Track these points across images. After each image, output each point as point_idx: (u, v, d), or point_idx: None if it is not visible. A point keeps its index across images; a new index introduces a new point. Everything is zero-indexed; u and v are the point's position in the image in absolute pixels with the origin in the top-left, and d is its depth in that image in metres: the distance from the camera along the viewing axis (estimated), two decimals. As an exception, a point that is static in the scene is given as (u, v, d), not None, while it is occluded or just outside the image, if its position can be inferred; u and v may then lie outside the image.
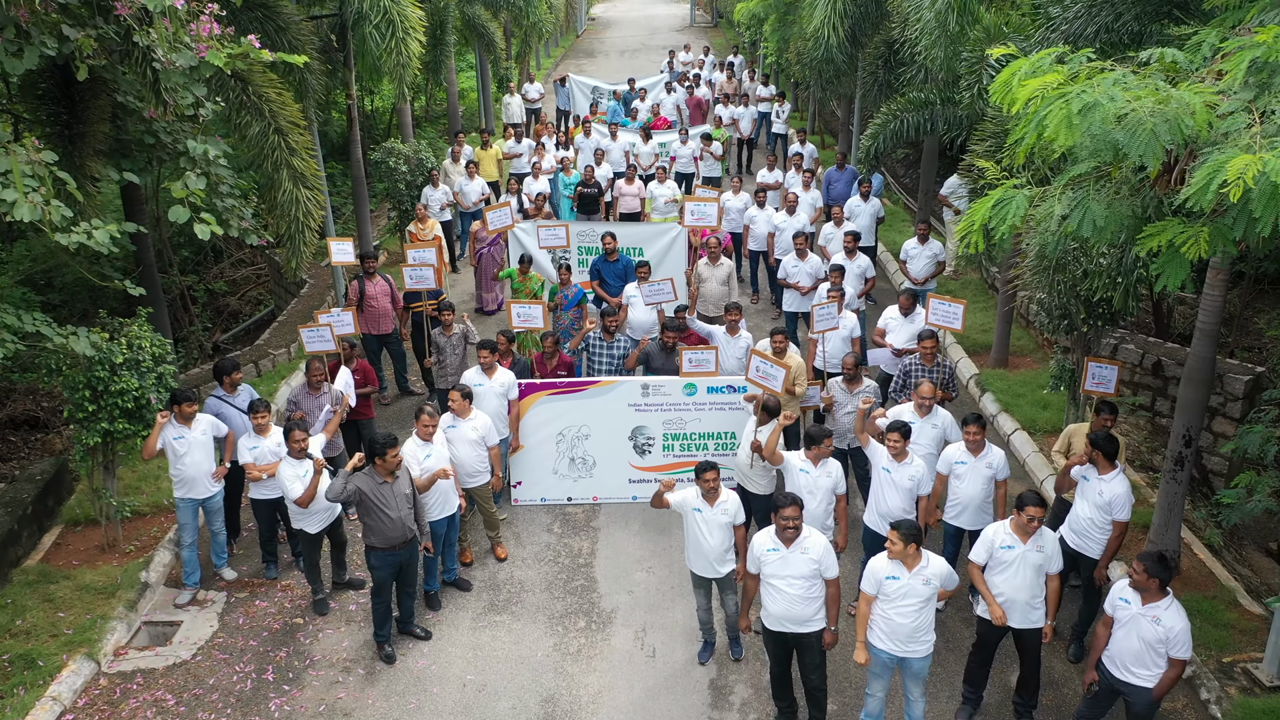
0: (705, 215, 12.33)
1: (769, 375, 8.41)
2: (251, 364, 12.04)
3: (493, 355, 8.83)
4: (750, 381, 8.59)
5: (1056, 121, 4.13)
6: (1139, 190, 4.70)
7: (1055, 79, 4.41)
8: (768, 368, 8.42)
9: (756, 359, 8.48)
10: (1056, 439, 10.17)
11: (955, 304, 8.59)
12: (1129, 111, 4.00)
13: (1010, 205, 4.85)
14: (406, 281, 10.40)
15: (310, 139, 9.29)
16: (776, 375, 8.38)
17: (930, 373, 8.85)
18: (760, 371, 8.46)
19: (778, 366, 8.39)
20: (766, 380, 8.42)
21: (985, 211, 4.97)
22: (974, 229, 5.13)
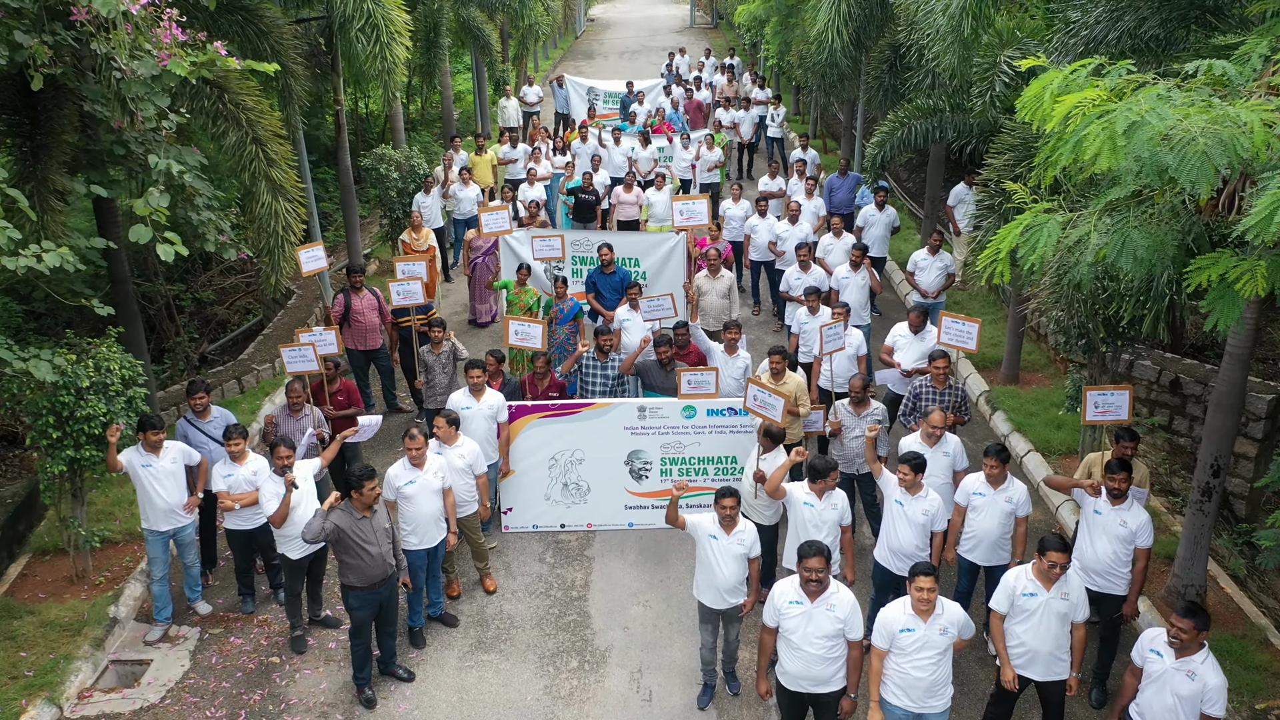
0: (695, 214, 11.81)
1: (767, 405, 8.00)
2: (234, 380, 11.61)
3: (483, 375, 8.40)
4: (749, 410, 8.16)
5: (1098, 142, 3.69)
6: (1179, 214, 4.26)
7: (1095, 95, 3.97)
8: (766, 397, 8.01)
9: (754, 388, 8.06)
10: (1073, 463, 9.80)
11: (970, 323, 8.14)
12: (1178, 130, 3.56)
13: (1041, 233, 4.41)
14: (393, 298, 9.97)
15: (290, 149, 8.85)
16: (775, 404, 7.97)
17: (942, 395, 8.42)
18: (759, 401, 8.04)
19: (776, 395, 7.98)
20: (765, 410, 8.01)
21: (1013, 238, 4.53)
22: (1000, 257, 4.68)
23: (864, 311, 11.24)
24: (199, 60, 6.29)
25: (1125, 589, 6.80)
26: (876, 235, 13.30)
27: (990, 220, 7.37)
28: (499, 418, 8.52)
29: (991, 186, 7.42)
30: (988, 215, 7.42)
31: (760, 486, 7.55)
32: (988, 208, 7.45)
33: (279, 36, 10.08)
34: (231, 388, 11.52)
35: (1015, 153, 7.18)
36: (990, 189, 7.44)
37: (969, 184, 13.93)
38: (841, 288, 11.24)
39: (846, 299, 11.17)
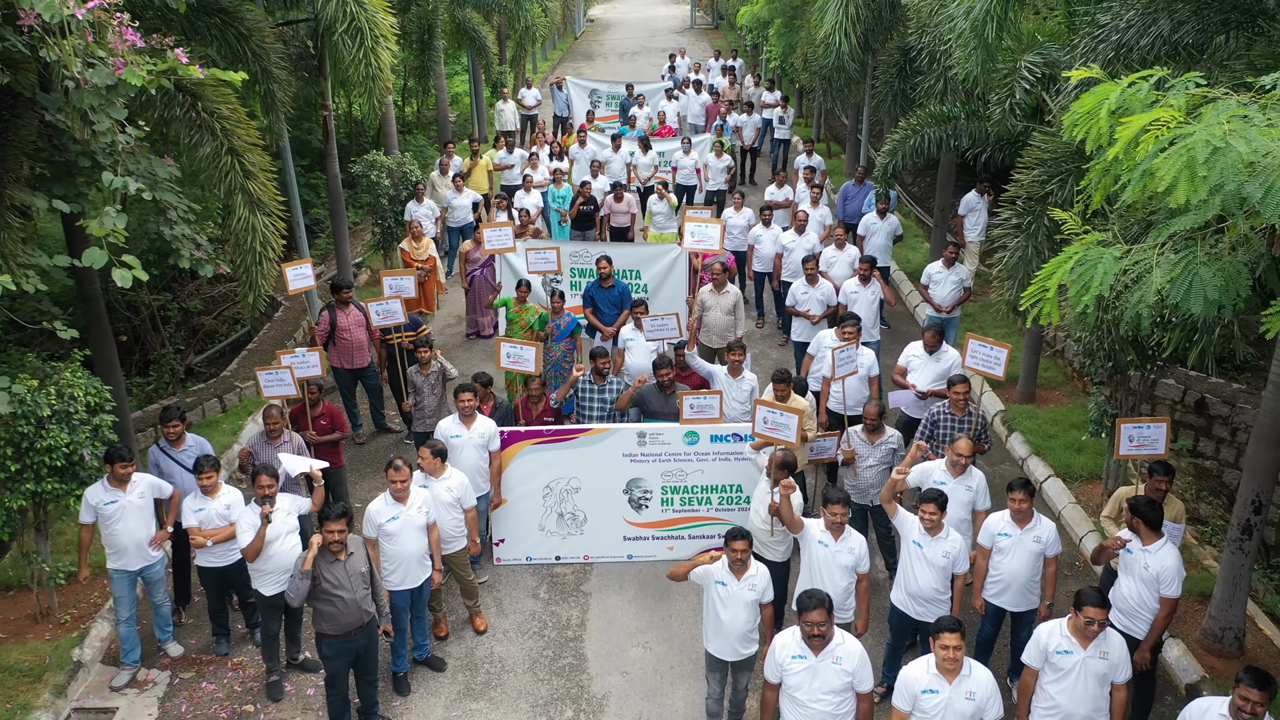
0: (707, 238, 11.36)
1: (780, 425, 7.49)
2: (216, 398, 11.12)
3: (474, 400, 7.90)
4: (760, 436, 7.65)
5: (1173, 170, 3.20)
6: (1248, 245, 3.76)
7: (1167, 116, 3.46)
8: (777, 416, 7.49)
9: (763, 410, 7.55)
10: (1095, 489, 9.31)
11: (999, 348, 7.59)
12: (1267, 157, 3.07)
13: (1095, 270, 3.90)
14: (374, 318, 9.47)
15: (268, 160, 8.34)
16: (789, 424, 7.45)
17: (961, 423, 7.92)
18: (769, 423, 7.53)
19: (788, 413, 7.47)
20: (777, 431, 7.50)
21: (1062, 274, 4.02)
22: (1047, 295, 4.17)
23: (874, 328, 10.75)
24: (158, 68, 5.80)
25: (1151, 635, 6.32)
26: (878, 245, 12.81)
27: (1019, 240, 6.86)
28: (490, 446, 8.02)
29: (1020, 204, 6.91)
30: (1016, 235, 6.91)
31: (776, 521, 7.09)
32: (1015, 227, 6.94)
33: (261, 40, 9.58)
34: (213, 406, 11.03)
35: (1046, 168, 6.68)
36: (1018, 206, 6.94)
37: (981, 192, 13.45)
38: (850, 303, 10.75)
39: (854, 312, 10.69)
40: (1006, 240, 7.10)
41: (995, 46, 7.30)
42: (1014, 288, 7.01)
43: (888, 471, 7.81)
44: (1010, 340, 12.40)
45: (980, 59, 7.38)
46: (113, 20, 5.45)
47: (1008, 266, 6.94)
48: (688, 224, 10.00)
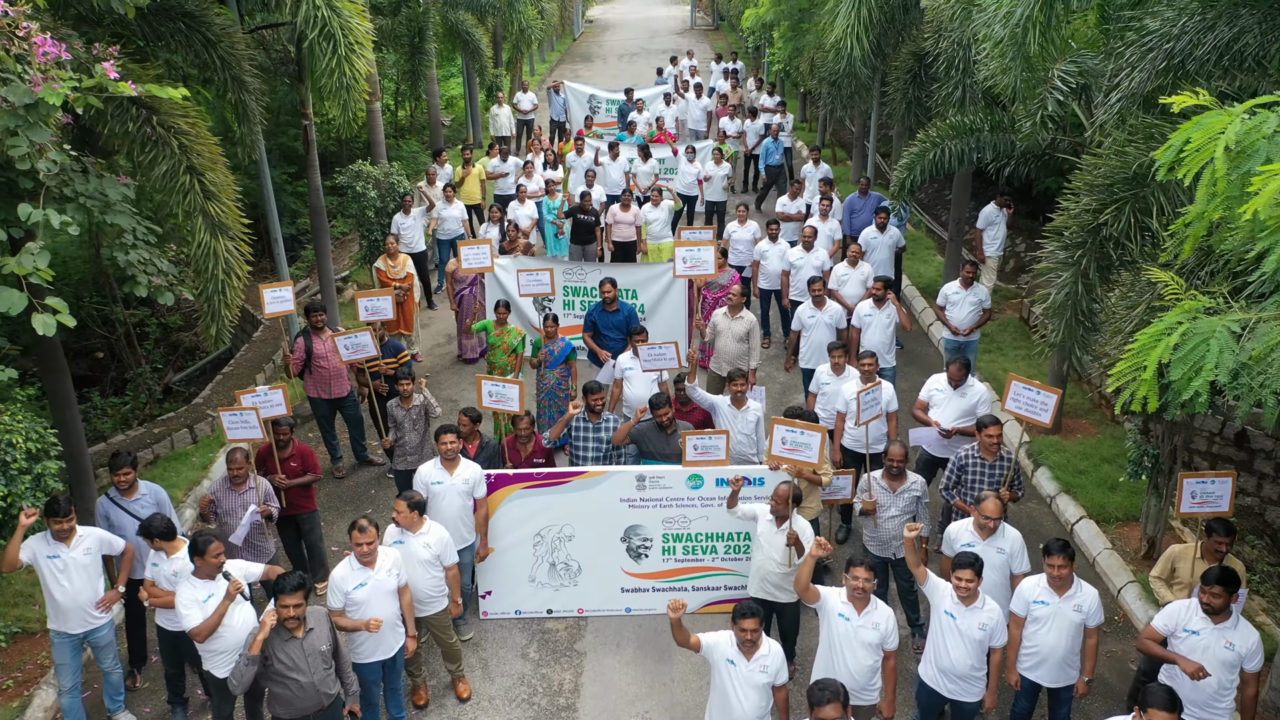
0: (701, 262, 10.48)
1: (800, 445, 6.81)
2: (186, 428, 10.40)
3: (457, 442, 7.19)
4: (777, 460, 6.95)
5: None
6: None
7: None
8: (798, 435, 6.81)
9: (782, 429, 6.85)
10: (1132, 532, 8.60)
11: (1047, 392, 6.80)
12: None
13: (1208, 348, 3.18)
14: (342, 352, 8.76)
15: (232, 179, 7.65)
16: (811, 442, 6.79)
17: (992, 468, 7.21)
18: (790, 443, 6.83)
19: (810, 431, 6.80)
20: (798, 452, 6.82)
21: (1162, 350, 3.31)
22: (1144, 377, 3.45)
23: (889, 353, 10.04)
24: (85, 84, 5.10)
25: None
26: (880, 260, 12.10)
27: (1068, 276, 6.15)
28: (476, 492, 7.32)
29: (1067, 235, 6.20)
30: (1063, 269, 6.20)
31: (792, 552, 6.45)
32: (1064, 261, 6.22)
33: (230, 46, 8.88)
34: (183, 438, 10.32)
35: (1097, 194, 5.97)
36: (1066, 237, 6.23)
37: (1000, 205, 12.75)
38: (864, 326, 10.05)
39: (869, 340, 9.98)
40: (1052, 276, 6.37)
41: (1037, 57, 6.60)
42: (1060, 328, 6.30)
43: (911, 521, 7.11)
44: (1031, 363, 11.76)
45: (1019, 70, 6.67)
46: (18, 29, 4.73)
47: (1054, 305, 6.23)
48: (679, 249, 9.22)
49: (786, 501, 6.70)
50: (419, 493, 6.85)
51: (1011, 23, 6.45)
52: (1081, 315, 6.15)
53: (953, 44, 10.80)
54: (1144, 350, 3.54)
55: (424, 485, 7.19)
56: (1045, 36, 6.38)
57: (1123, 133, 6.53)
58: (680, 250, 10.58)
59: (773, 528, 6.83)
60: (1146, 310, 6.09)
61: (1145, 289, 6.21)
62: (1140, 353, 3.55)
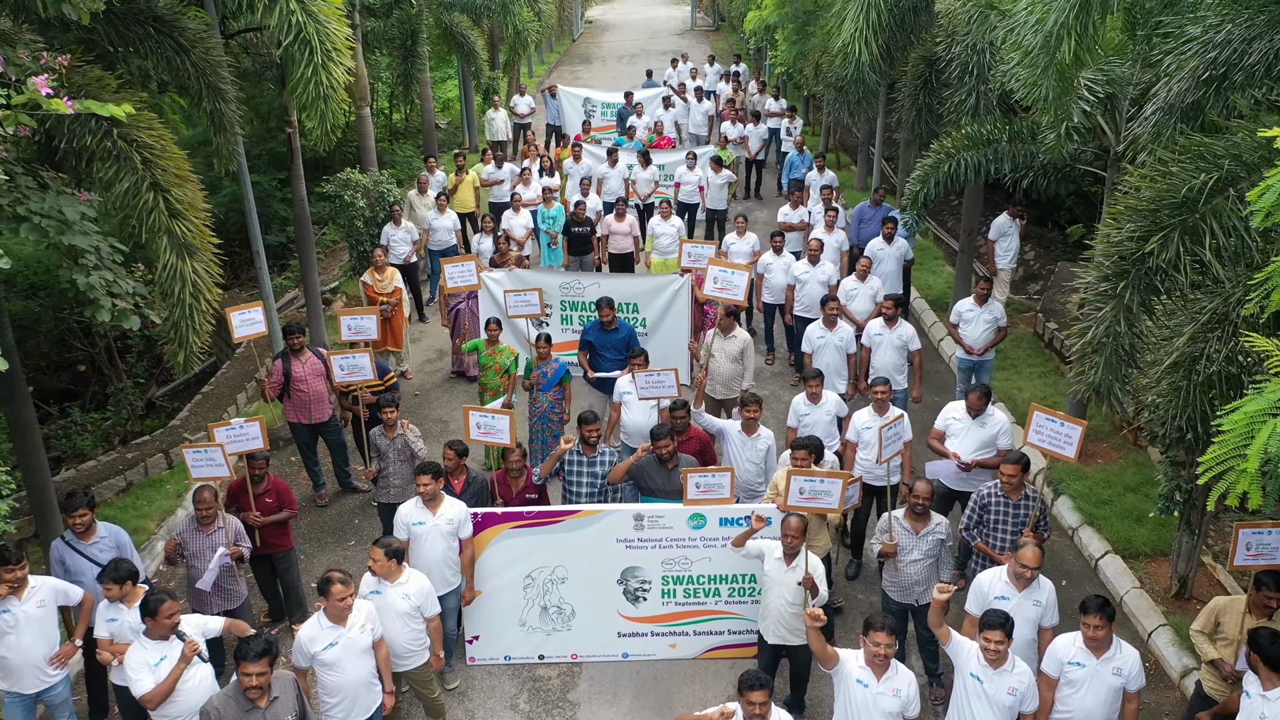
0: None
1: (820, 494, 6.40)
2: (161, 453, 9.89)
3: (435, 484, 6.68)
4: (794, 509, 6.47)
5: None
6: None
7: None
8: (817, 484, 6.41)
9: (800, 480, 6.41)
10: (1161, 569, 8.09)
11: (1071, 424, 6.28)
12: None
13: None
14: (336, 372, 8.24)
15: (202, 196, 7.14)
16: (832, 490, 6.41)
17: (1016, 508, 6.70)
18: (808, 492, 6.41)
19: (831, 478, 6.38)
20: (818, 500, 6.41)
21: (1269, 438, 2.80)
22: (1247, 468, 2.94)
23: (900, 374, 9.53)
24: (14, 102, 4.61)
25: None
26: (887, 272, 11.57)
27: (1108, 310, 5.63)
28: (460, 533, 6.81)
29: (1109, 264, 5.68)
30: (1104, 302, 5.68)
31: (806, 593, 6.04)
32: (1104, 294, 5.69)
33: (205, 51, 8.38)
34: (158, 463, 9.80)
35: (1141, 219, 5.44)
36: (1107, 267, 5.71)
37: (1013, 216, 12.24)
38: (874, 346, 9.54)
39: (880, 361, 9.48)
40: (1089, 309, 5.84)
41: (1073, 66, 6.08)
42: (1099, 367, 5.79)
43: (935, 566, 6.62)
44: (1046, 381, 11.25)
45: (1053, 82, 6.15)
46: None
47: (1092, 341, 5.72)
48: (686, 245, 8.60)
49: (800, 535, 6.25)
50: (398, 538, 6.35)
51: (1044, 31, 5.93)
52: (1123, 353, 5.64)
53: (966, 49, 10.31)
54: (1242, 434, 3.04)
55: (404, 526, 6.69)
56: (1080, 45, 5.88)
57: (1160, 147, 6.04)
58: (687, 246, 10.16)
59: (783, 566, 6.37)
60: (1189, 340, 5.61)
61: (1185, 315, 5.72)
62: (1240, 440, 3.04)
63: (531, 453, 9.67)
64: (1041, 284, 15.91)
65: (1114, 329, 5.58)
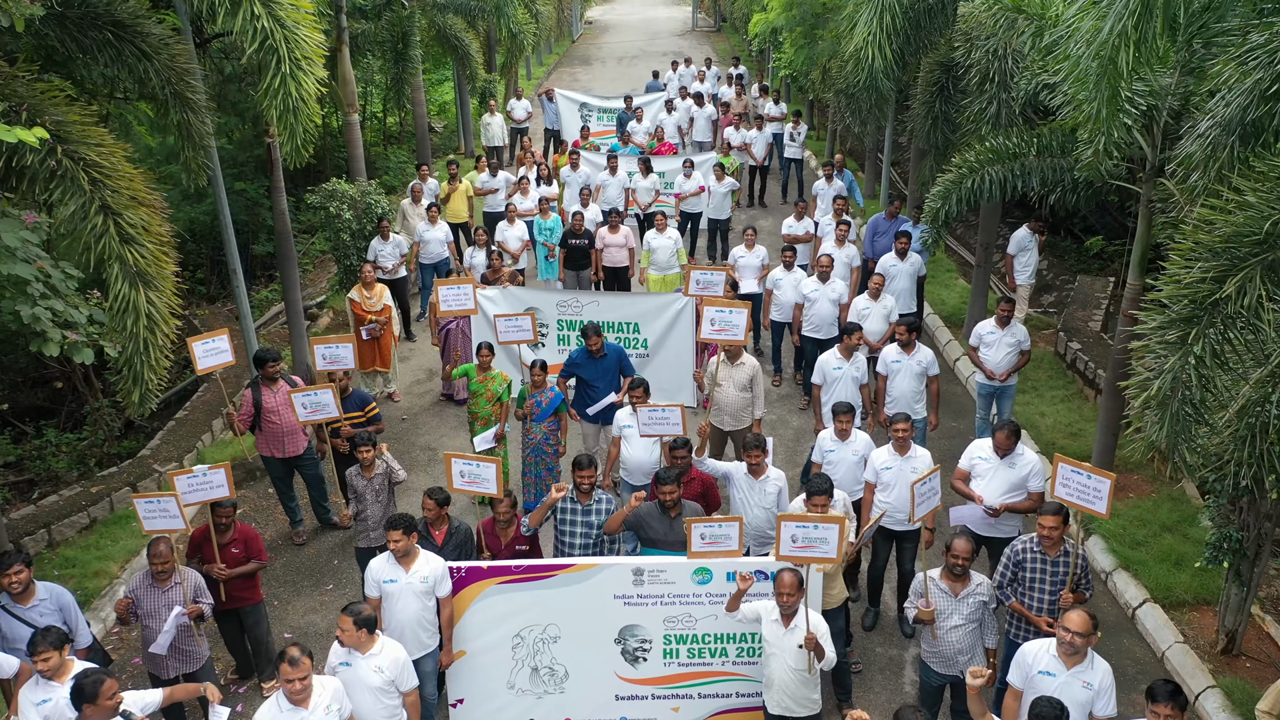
0: (712, 285, 9.58)
1: (814, 542, 5.77)
2: (128, 486, 9.26)
3: (408, 538, 6.05)
4: (787, 559, 5.87)
5: None
6: None
7: None
8: (810, 531, 5.77)
9: (790, 526, 5.80)
10: (1206, 619, 7.46)
11: (1099, 477, 5.64)
12: None
13: None
14: (299, 410, 7.60)
15: (157, 219, 6.51)
16: (828, 538, 5.77)
17: (1055, 565, 6.07)
18: (800, 541, 5.79)
19: (825, 523, 5.76)
20: (813, 549, 5.79)
21: None
22: None
23: (919, 403, 8.90)
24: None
25: None
26: (901, 289, 10.93)
27: (1176, 360, 4.97)
28: (438, 591, 6.18)
29: (1175, 309, 5.04)
30: (1170, 350, 5.02)
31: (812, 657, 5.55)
32: (1171, 341, 5.04)
33: (170, 58, 7.76)
34: (124, 498, 9.17)
35: (1215, 259, 4.79)
36: (1172, 312, 5.07)
37: (1034, 230, 11.63)
38: (891, 373, 8.92)
39: (897, 389, 8.85)
40: (1152, 357, 5.18)
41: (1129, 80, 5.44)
42: (1162, 424, 5.15)
43: (978, 631, 5.99)
44: (1070, 405, 10.61)
45: (1106, 98, 5.50)
46: None
47: (1156, 395, 5.07)
48: (708, 308, 7.78)
49: (796, 591, 5.68)
50: (368, 605, 5.72)
51: (1097, 40, 5.28)
52: (1190, 409, 5.00)
53: (987, 54, 9.69)
54: None
55: (375, 583, 6.09)
56: (1139, 55, 5.23)
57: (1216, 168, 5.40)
58: (695, 273, 9.53)
59: (781, 628, 5.79)
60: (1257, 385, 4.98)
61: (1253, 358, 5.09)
62: None
63: (524, 486, 9.06)
64: (1056, 295, 15.30)
65: (1181, 381, 4.94)
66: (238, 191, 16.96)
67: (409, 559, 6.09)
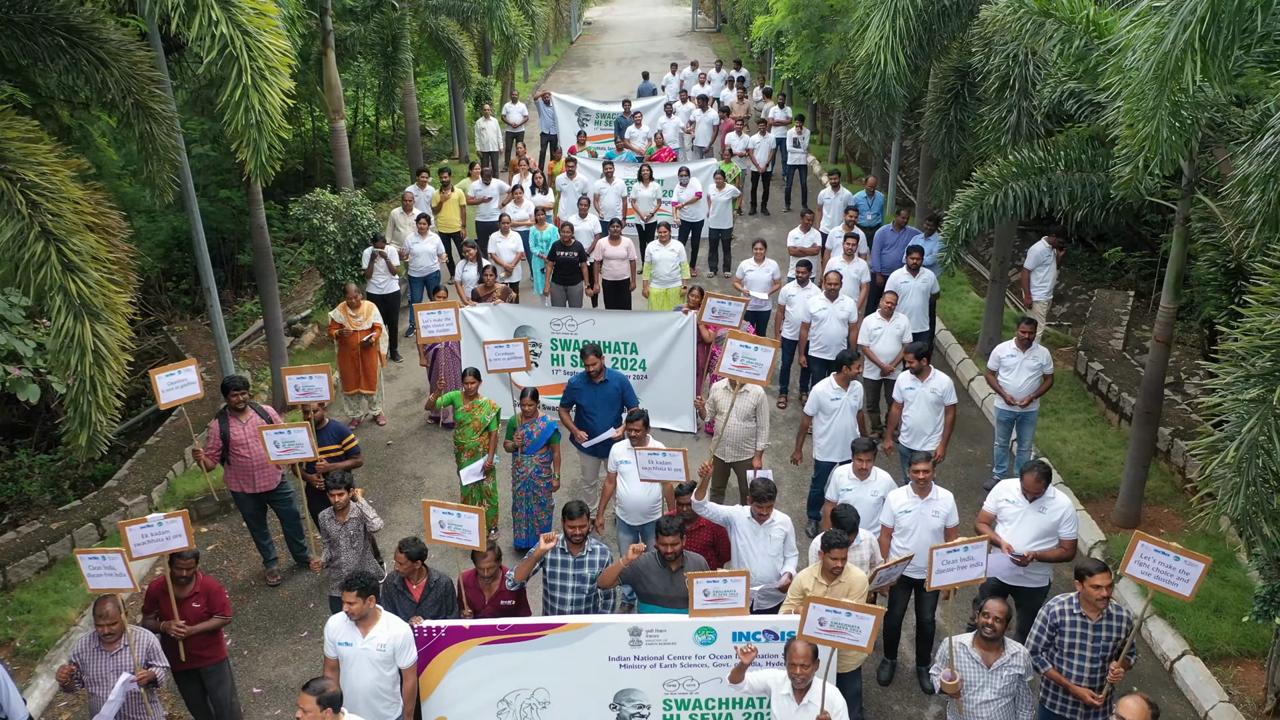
0: (728, 315, 9.02)
1: (845, 628, 5.19)
2: (91, 522, 8.67)
3: (364, 601, 5.46)
4: (812, 640, 5.29)
5: None
6: None
7: None
8: (843, 618, 5.19)
9: (820, 609, 5.21)
10: (1255, 674, 6.88)
11: (1192, 561, 5.00)
12: None
13: None
14: (270, 450, 7.01)
15: (103, 247, 5.93)
16: (862, 627, 5.15)
17: (1097, 630, 5.49)
18: (830, 624, 5.21)
19: (862, 613, 5.17)
20: (843, 635, 5.23)
21: None
22: None
23: (935, 434, 8.32)
24: None
25: None
26: (913, 307, 10.35)
27: (1254, 420, 4.37)
28: (399, 660, 5.58)
29: (1251, 364, 4.45)
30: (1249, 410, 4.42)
31: None
32: (1250, 403, 4.45)
33: (131, 65, 7.18)
34: (87, 535, 8.58)
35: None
36: (1248, 365, 4.48)
37: (1053, 244, 11.05)
38: (906, 401, 8.34)
39: (914, 419, 8.29)
40: (1225, 418, 4.59)
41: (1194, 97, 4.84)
42: (1238, 493, 4.56)
43: (1012, 707, 5.41)
44: (1092, 430, 10.04)
45: (1166, 115, 4.88)
46: None
47: (1233, 461, 4.47)
48: (732, 341, 6.86)
49: (811, 661, 5.15)
50: (330, 680, 5.13)
51: (1159, 52, 4.66)
52: (1271, 476, 4.41)
53: (1006, 59, 9.12)
54: None
55: (331, 643, 5.55)
56: (1207, 69, 4.63)
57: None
58: (712, 300, 8.94)
59: (792, 704, 5.25)
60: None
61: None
62: None
63: (515, 522, 8.50)
64: (1068, 306, 14.73)
65: (1261, 445, 4.35)
66: (223, 199, 16.40)
67: (367, 622, 5.52)
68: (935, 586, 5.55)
